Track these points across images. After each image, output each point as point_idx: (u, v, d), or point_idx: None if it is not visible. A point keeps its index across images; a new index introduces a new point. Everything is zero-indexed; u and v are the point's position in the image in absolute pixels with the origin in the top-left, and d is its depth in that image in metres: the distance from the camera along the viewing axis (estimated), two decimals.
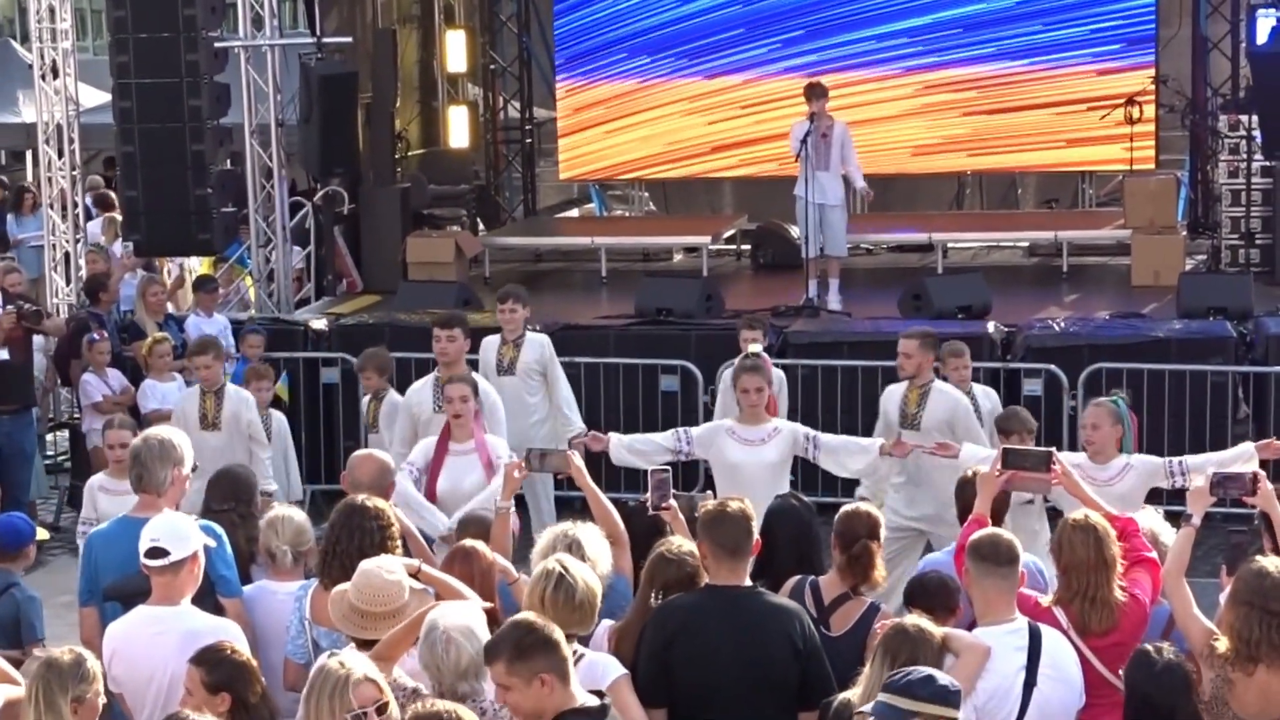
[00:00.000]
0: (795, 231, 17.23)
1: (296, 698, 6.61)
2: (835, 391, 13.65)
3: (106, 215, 19.40)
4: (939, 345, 11.04)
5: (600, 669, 6.18)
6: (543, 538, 6.93)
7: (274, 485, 11.49)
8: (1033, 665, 6.31)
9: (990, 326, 14.18)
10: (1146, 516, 7.43)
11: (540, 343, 12.44)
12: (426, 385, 11.24)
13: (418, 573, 6.48)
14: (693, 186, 22.04)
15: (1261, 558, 6.31)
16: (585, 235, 19.93)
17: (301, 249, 17.78)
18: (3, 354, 13.38)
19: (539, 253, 20.25)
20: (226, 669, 6.11)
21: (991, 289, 15.46)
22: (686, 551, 6.72)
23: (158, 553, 6.67)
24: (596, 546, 6.87)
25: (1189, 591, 6.60)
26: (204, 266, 18.07)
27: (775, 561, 7.24)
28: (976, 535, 6.65)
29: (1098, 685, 6.56)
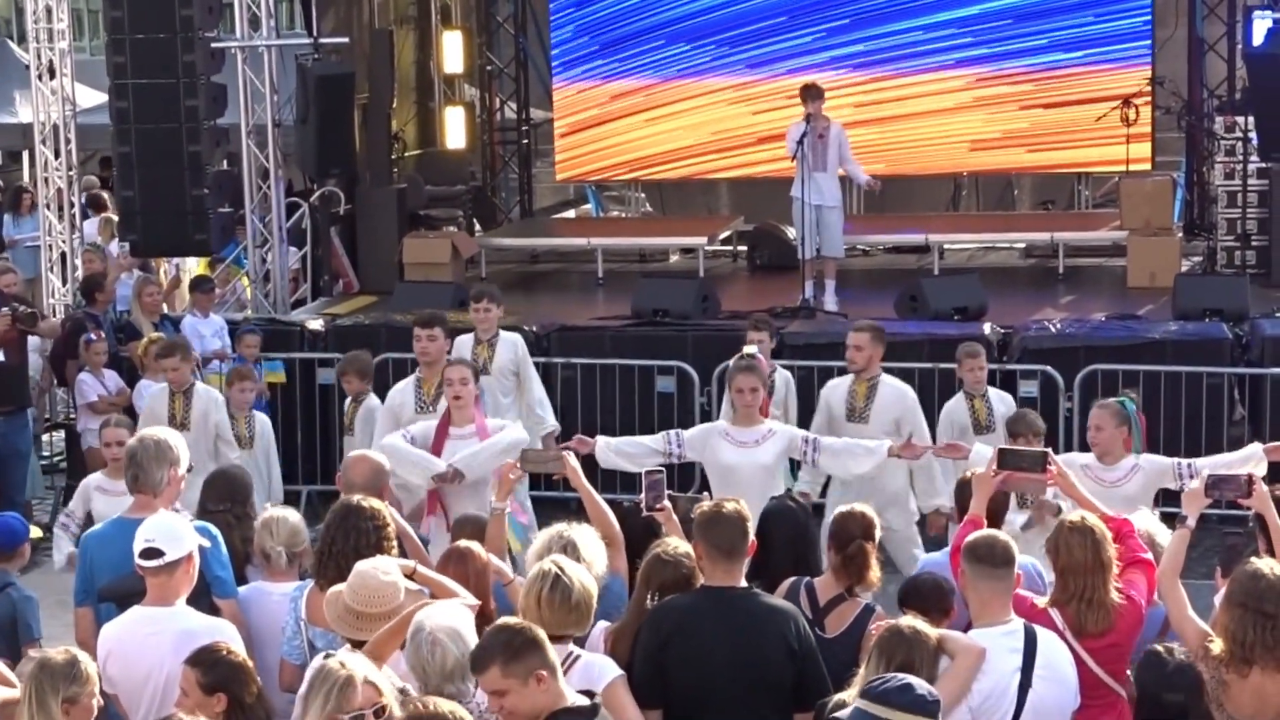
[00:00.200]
0: (791, 233, 17.23)
1: (292, 698, 6.63)
2: None
3: (102, 216, 19.39)
4: (885, 339, 11.04)
5: (596, 670, 6.17)
6: (538, 539, 6.94)
7: None
8: (1028, 666, 6.29)
9: (986, 328, 14.19)
10: (1143, 518, 7.43)
11: (514, 342, 12.38)
12: (408, 386, 11.18)
13: (413, 574, 6.48)
14: (689, 187, 22.03)
15: (1256, 560, 6.32)
16: (582, 236, 19.93)
17: (298, 249, 17.77)
18: None
19: (535, 254, 20.25)
20: (222, 669, 6.10)
21: (987, 290, 15.47)
22: (683, 553, 6.72)
23: (152, 553, 6.67)
24: (592, 547, 6.87)
25: (1184, 593, 6.61)
26: (200, 267, 18.06)
27: (771, 563, 7.23)
28: (973, 537, 6.64)
29: (1093, 686, 6.57)
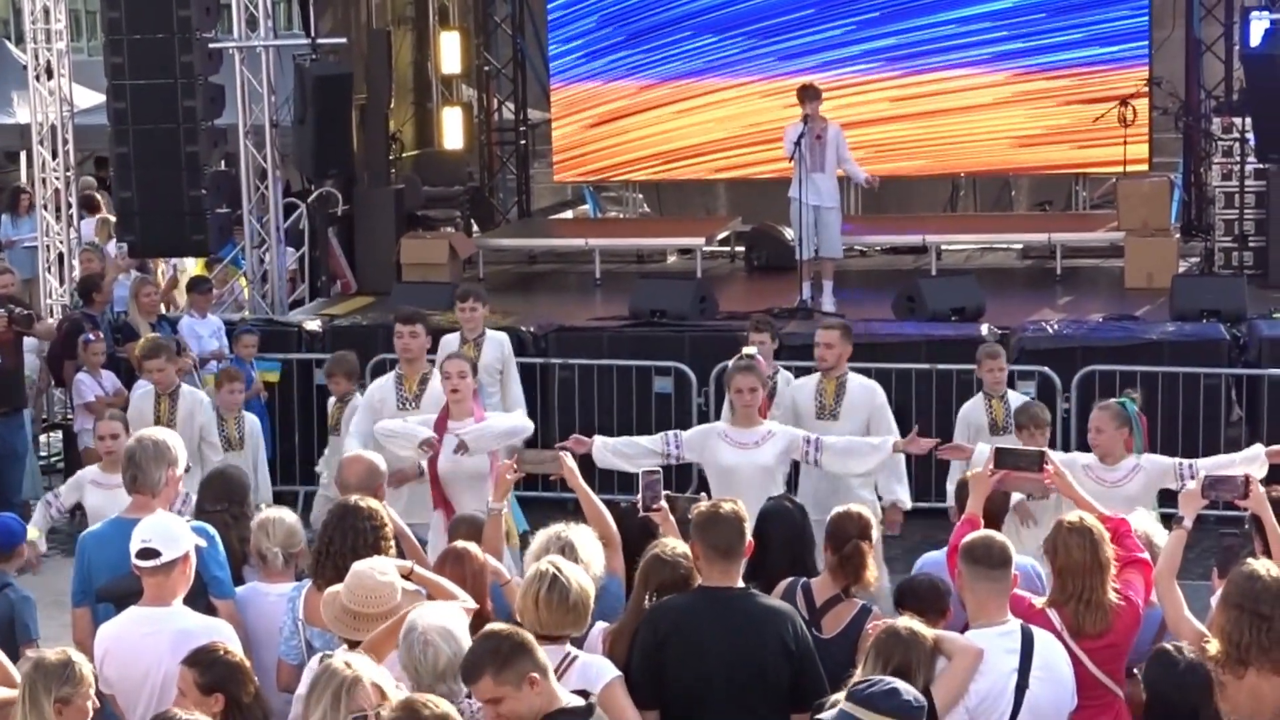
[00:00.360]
0: (789, 233, 17.24)
1: (288, 698, 6.63)
2: None
3: (98, 217, 19.38)
4: (853, 337, 11.05)
5: (594, 671, 6.17)
6: (537, 539, 6.94)
7: None
8: (1025, 667, 6.30)
9: (984, 329, 14.19)
10: (1140, 518, 7.42)
11: (500, 341, 12.37)
12: (388, 382, 11.12)
13: (410, 574, 6.48)
14: (687, 188, 22.03)
15: (1253, 560, 6.32)
16: (579, 237, 19.93)
17: (295, 250, 17.76)
18: None
19: (533, 254, 20.24)
20: (220, 669, 6.11)
21: (985, 291, 15.47)
22: (681, 553, 6.71)
23: (149, 553, 6.67)
24: (590, 548, 6.88)
25: (1180, 594, 6.62)
26: (198, 267, 18.06)
27: (768, 563, 7.24)
28: (970, 537, 6.63)
29: (1090, 686, 6.57)
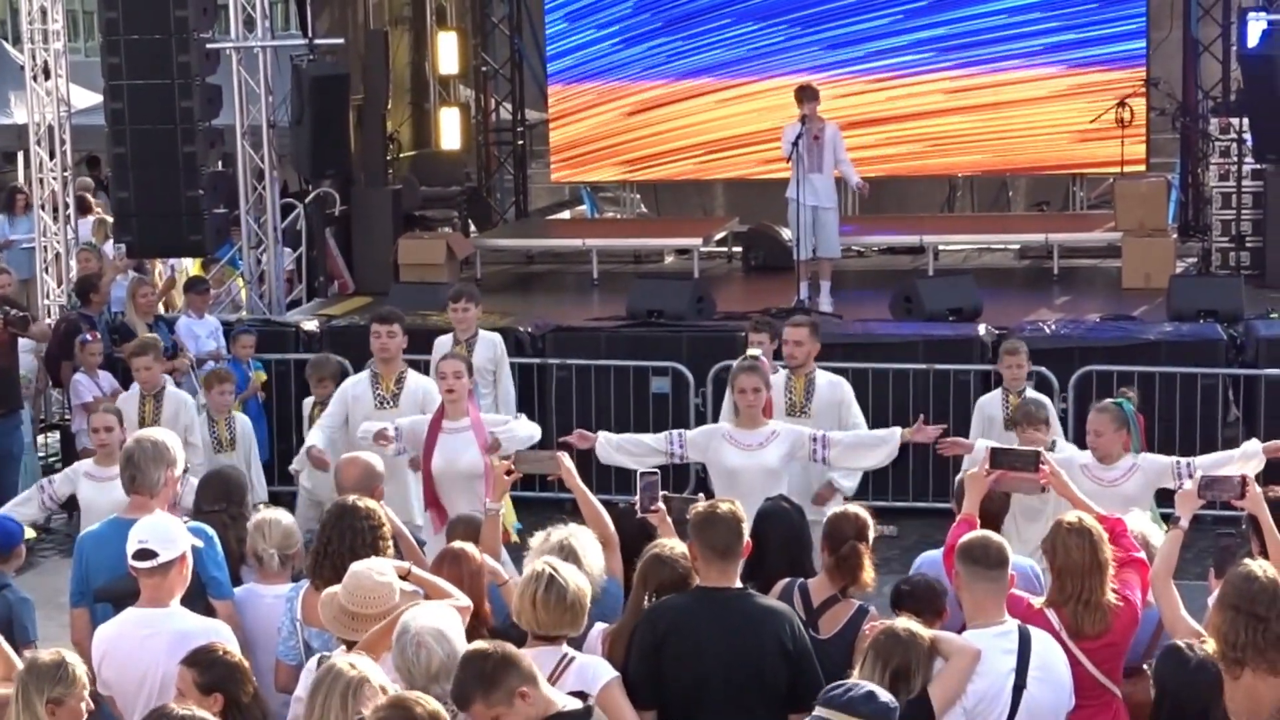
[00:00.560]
0: (787, 234, 17.24)
1: (286, 699, 6.64)
2: None
3: (95, 217, 19.38)
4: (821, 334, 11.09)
5: (591, 672, 6.18)
6: (536, 541, 6.94)
7: None
8: (1022, 667, 6.29)
9: (981, 329, 14.20)
10: (1136, 519, 7.43)
11: (492, 341, 12.39)
12: (363, 380, 11.11)
13: (408, 574, 6.48)
14: (684, 188, 22.04)
15: (1249, 561, 6.33)
16: (577, 237, 19.93)
17: (293, 250, 17.76)
18: None
19: (530, 254, 20.24)
20: (219, 670, 6.11)
21: (982, 291, 15.46)
22: (679, 553, 6.72)
23: (145, 554, 6.67)
24: (592, 550, 6.88)
25: (1176, 594, 6.63)
26: (195, 268, 18.06)
27: (766, 564, 7.23)
28: (967, 538, 6.62)
29: (1089, 687, 6.57)
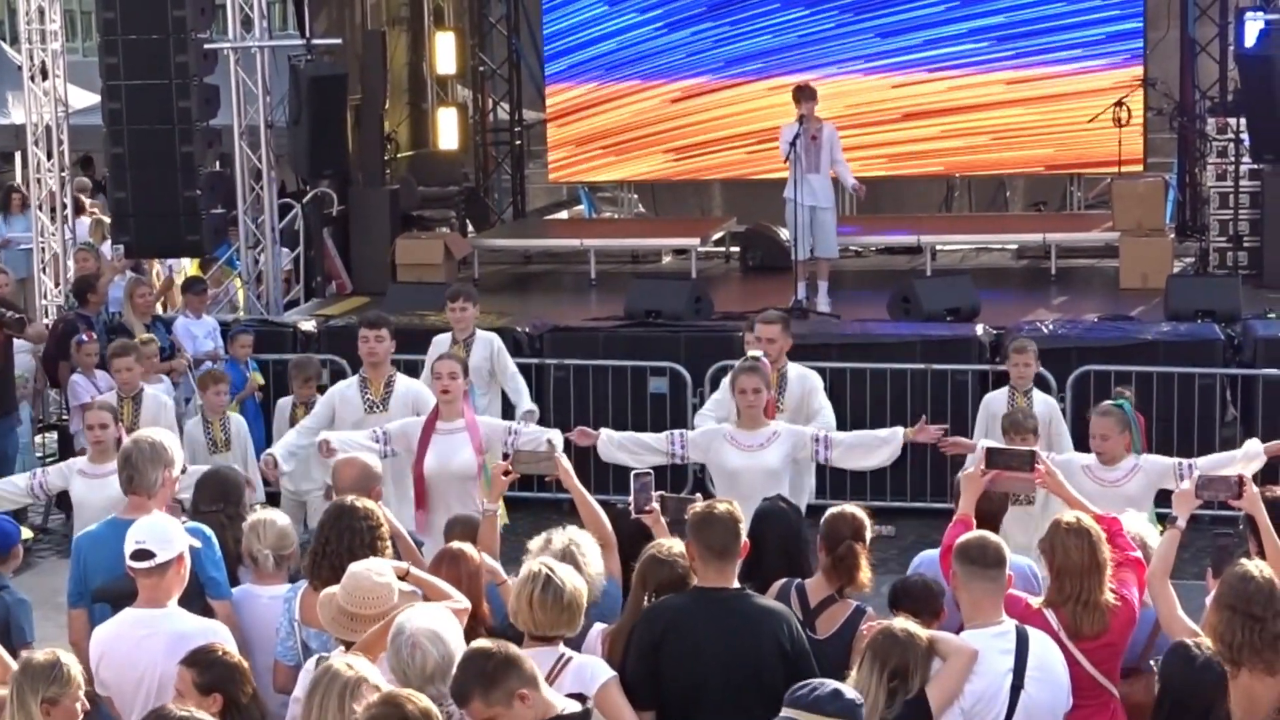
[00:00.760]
0: (784, 234, 17.24)
1: (284, 700, 6.63)
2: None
3: (93, 218, 19.38)
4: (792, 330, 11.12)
5: (589, 672, 6.18)
6: (536, 544, 6.94)
7: None
8: (1020, 668, 6.29)
9: (978, 329, 14.21)
10: (1132, 520, 7.43)
11: (489, 340, 12.42)
12: (352, 385, 11.09)
13: (406, 575, 6.49)
14: (682, 189, 22.04)
15: (1246, 561, 6.34)
16: (574, 237, 19.93)
17: (290, 250, 17.77)
18: None
19: (528, 254, 20.23)
20: (219, 670, 6.11)
21: (980, 291, 15.48)
22: (678, 553, 6.72)
23: (143, 555, 6.67)
24: (592, 555, 6.89)
25: (1173, 593, 6.63)
26: (193, 268, 18.06)
27: (764, 564, 7.23)
28: (964, 538, 6.62)
29: (1087, 686, 6.58)
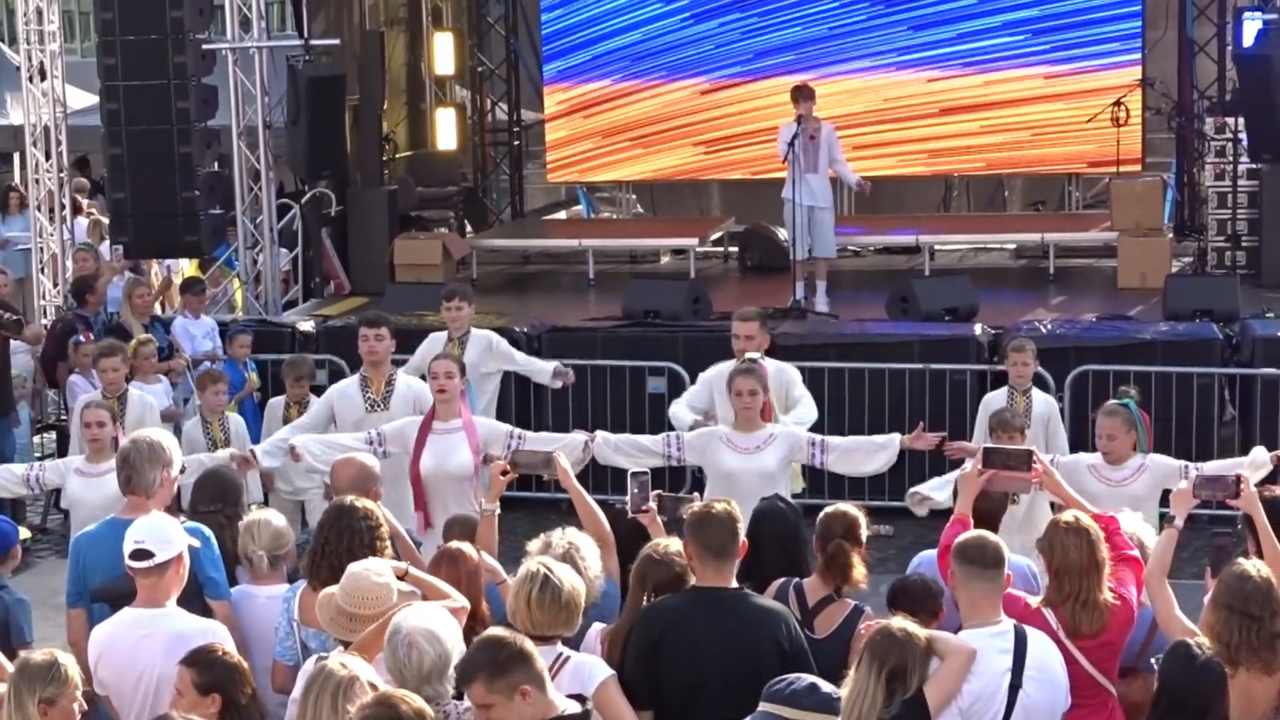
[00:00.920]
0: (783, 234, 17.24)
1: (283, 700, 6.64)
2: (822, 394, 13.51)
3: (91, 218, 19.37)
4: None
5: (587, 671, 6.18)
6: (536, 544, 6.94)
7: None
8: (1018, 667, 6.28)
9: (977, 329, 14.21)
10: (1131, 520, 7.43)
11: (485, 338, 12.43)
12: (353, 385, 11.09)
13: (405, 575, 6.49)
14: (680, 189, 22.05)
15: (1244, 561, 6.34)
16: (573, 237, 19.93)
17: (289, 251, 17.77)
18: None
19: (526, 255, 20.23)
20: (218, 670, 6.11)
21: (978, 291, 15.48)
22: (674, 552, 6.72)
23: (142, 554, 6.67)
24: (591, 557, 6.89)
25: (1171, 593, 6.63)
26: (191, 268, 18.06)
27: (762, 563, 7.23)
28: (963, 538, 6.62)
29: (1086, 686, 6.58)
